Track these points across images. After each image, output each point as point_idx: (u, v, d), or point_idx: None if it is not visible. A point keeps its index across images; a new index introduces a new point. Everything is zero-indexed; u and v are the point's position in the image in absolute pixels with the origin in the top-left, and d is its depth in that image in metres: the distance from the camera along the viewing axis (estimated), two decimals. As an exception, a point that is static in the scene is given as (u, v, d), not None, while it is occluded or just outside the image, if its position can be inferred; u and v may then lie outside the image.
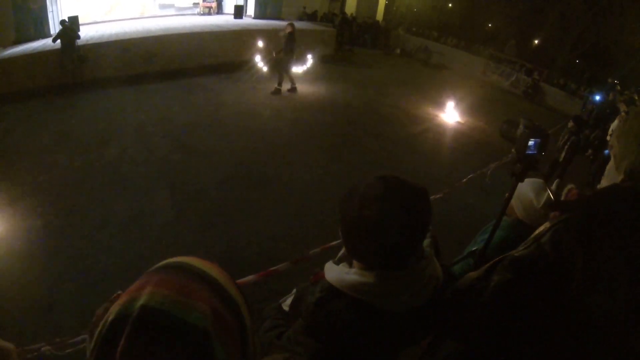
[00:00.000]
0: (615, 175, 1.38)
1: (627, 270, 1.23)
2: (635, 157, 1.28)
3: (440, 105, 12.71)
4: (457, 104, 12.38)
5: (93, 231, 5.25)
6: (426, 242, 1.40)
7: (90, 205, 5.76)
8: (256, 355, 0.77)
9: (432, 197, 5.90)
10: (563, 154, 7.86)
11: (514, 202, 2.37)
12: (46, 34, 11.61)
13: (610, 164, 1.44)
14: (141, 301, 0.62)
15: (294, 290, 1.66)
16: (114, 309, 0.63)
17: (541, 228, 1.46)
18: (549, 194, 2.33)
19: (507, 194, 1.98)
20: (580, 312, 1.29)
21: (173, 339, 0.59)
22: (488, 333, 1.56)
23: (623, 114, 10.44)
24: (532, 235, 1.49)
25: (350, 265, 1.37)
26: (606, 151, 9.31)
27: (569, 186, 2.82)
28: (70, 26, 10.27)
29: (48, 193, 5.88)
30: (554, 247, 1.36)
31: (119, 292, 2.24)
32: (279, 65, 11.84)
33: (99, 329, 0.63)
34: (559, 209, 1.53)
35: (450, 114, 12.17)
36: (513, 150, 1.90)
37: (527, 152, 1.76)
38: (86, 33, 11.75)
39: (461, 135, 11.13)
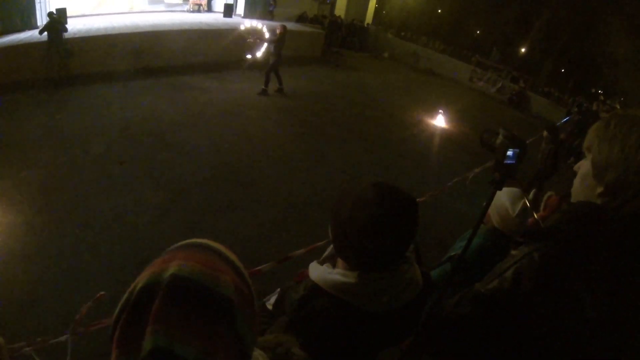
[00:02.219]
0: (591, 183, 1.31)
1: (599, 303, 1.23)
2: (621, 170, 1.20)
3: (426, 110, 12.84)
4: (443, 110, 12.51)
5: (76, 229, 5.20)
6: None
7: (74, 203, 5.70)
8: (257, 333, 0.82)
9: (417, 200, 5.98)
10: (543, 163, 7.99)
11: (490, 210, 2.42)
12: (33, 26, 11.44)
13: (586, 168, 1.34)
14: (171, 271, 0.67)
15: (278, 290, 1.70)
16: (141, 279, 0.69)
17: (508, 262, 1.45)
18: (524, 202, 2.39)
19: (485, 202, 2.03)
20: (544, 338, 1.32)
21: (203, 305, 0.66)
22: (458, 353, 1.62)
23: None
24: (496, 269, 1.49)
25: (334, 265, 1.42)
26: None
27: (549, 193, 2.88)
28: (58, 19, 10.13)
29: (31, 189, 5.80)
30: (514, 283, 1.37)
31: (102, 292, 2.23)
32: (267, 66, 11.84)
33: (125, 297, 0.69)
34: (527, 238, 1.53)
35: (436, 119, 12.29)
36: None
37: (505, 161, 1.81)
38: (74, 26, 11.57)
39: (446, 140, 11.26)
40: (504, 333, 1.42)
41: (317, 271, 1.38)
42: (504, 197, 2.40)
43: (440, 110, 12.37)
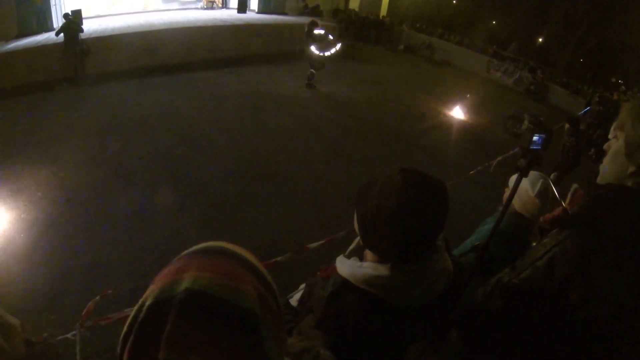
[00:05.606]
0: (623, 162, 1.29)
1: (634, 286, 1.20)
2: None
3: (443, 101, 12.69)
4: (460, 101, 12.36)
5: (96, 224, 5.26)
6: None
7: (93, 199, 5.76)
8: (286, 343, 0.76)
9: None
10: (564, 156, 7.86)
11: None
12: (49, 28, 11.60)
13: (618, 147, 1.32)
14: (185, 284, 0.60)
15: (302, 286, 1.66)
16: (151, 293, 0.62)
17: (540, 250, 1.43)
18: (542, 182, 2.35)
19: (510, 189, 1.99)
20: (577, 326, 1.29)
21: (222, 322, 0.59)
22: (492, 346, 1.58)
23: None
24: (530, 258, 1.46)
25: (361, 258, 1.37)
26: None
27: (575, 186, 2.82)
28: (74, 20, 10.25)
29: (51, 186, 5.89)
30: (548, 271, 1.34)
31: (109, 291, 2.26)
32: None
33: (133, 313, 0.61)
34: (557, 224, 1.48)
35: (453, 111, 12.15)
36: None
37: (531, 147, 1.76)
38: (89, 27, 11.72)
39: (464, 132, 11.11)
40: (538, 324, 1.38)
41: (346, 265, 1.33)
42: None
43: (458, 103, 12.22)
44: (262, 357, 0.61)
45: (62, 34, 9.94)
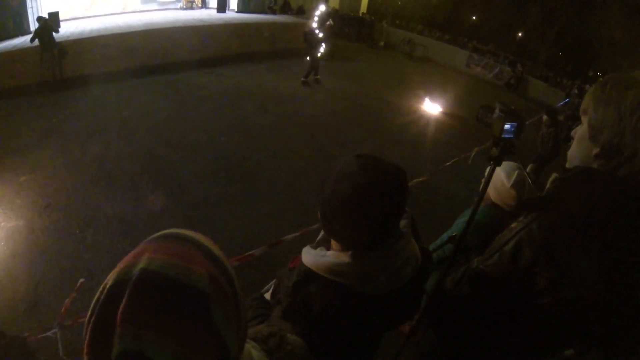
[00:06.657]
0: (588, 145, 1.33)
1: (599, 267, 1.22)
2: (616, 131, 1.22)
3: (423, 96, 12.75)
4: (440, 95, 12.46)
5: (77, 229, 5.19)
6: (403, 222, 1.39)
7: (74, 203, 5.69)
8: (246, 329, 0.79)
9: (415, 180, 5.95)
10: (544, 147, 7.97)
11: None
12: (26, 31, 11.38)
13: (583, 131, 1.37)
14: (140, 265, 0.64)
15: (274, 280, 1.65)
16: (111, 277, 0.65)
17: (507, 235, 1.45)
18: (518, 173, 2.38)
19: (484, 179, 2.01)
20: (545, 309, 1.31)
21: (173, 299, 0.62)
22: (463, 331, 1.60)
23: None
24: (497, 243, 1.48)
25: (328, 249, 1.36)
26: None
27: (554, 175, 2.85)
28: (49, 22, 10.05)
29: (31, 193, 5.79)
30: (514, 256, 1.36)
31: (82, 280, 2.31)
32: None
33: (95, 297, 0.64)
34: (525, 208, 1.51)
35: (433, 105, 12.24)
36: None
37: (503, 135, 1.77)
38: (66, 29, 11.54)
39: (444, 125, 11.23)
40: (505, 309, 1.40)
41: (310, 255, 1.33)
42: (498, 169, 2.39)
43: (433, 93, 12.36)
44: (214, 334, 0.65)
45: (37, 39, 9.75)
